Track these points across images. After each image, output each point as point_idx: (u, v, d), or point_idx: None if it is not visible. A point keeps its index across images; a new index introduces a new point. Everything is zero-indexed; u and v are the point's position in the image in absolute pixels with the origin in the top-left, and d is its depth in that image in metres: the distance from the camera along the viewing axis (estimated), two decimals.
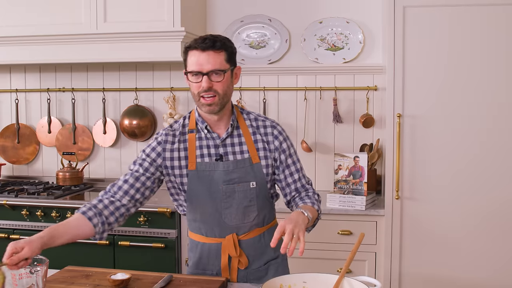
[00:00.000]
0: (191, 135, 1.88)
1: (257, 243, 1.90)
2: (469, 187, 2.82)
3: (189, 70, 1.78)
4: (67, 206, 3.14)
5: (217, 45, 1.75)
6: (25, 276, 1.46)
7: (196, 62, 1.74)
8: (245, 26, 3.51)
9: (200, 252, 1.92)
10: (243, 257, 1.88)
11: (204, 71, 1.74)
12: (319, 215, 1.87)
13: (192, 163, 1.84)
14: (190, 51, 1.78)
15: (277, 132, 1.91)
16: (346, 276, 1.55)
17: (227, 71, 1.78)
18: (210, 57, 1.74)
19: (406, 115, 2.86)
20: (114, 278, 1.71)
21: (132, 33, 3.13)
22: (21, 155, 3.91)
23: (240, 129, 1.89)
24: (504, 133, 2.78)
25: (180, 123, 1.93)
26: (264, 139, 1.89)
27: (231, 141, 1.88)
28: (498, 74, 2.76)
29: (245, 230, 1.88)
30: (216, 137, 1.87)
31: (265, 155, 1.88)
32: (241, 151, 1.87)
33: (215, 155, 1.85)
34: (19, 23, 3.31)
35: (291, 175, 1.91)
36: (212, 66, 1.74)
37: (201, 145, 1.87)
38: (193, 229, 1.95)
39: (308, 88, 3.44)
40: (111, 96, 3.75)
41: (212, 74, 1.75)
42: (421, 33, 2.81)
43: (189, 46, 1.78)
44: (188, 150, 1.86)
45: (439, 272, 2.86)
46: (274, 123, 1.95)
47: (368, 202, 2.95)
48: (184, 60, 1.82)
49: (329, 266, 2.82)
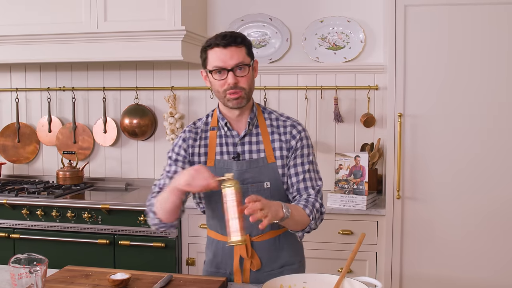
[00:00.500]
0: (212, 132, 1.89)
1: (271, 246, 1.87)
2: (470, 186, 2.81)
3: (212, 68, 1.76)
4: (67, 205, 3.13)
5: (238, 40, 1.75)
6: (25, 276, 1.45)
7: (220, 59, 1.74)
8: (246, 25, 3.50)
9: (214, 250, 1.92)
10: (256, 259, 1.85)
11: (229, 67, 1.74)
12: (311, 222, 1.77)
13: (211, 160, 1.85)
14: (210, 49, 1.76)
15: (295, 132, 1.87)
16: (347, 277, 1.54)
17: (250, 64, 1.78)
18: (232, 52, 1.73)
19: (407, 115, 2.85)
20: (113, 278, 1.70)
21: (133, 32, 3.12)
22: (21, 154, 3.91)
23: (259, 128, 1.88)
24: (505, 133, 2.77)
25: (203, 121, 1.94)
26: (282, 139, 1.86)
27: (249, 139, 1.86)
28: (499, 73, 2.75)
29: (259, 231, 1.84)
30: (235, 135, 1.86)
31: (282, 155, 1.85)
32: (257, 150, 1.85)
33: (232, 153, 1.85)
34: (19, 22, 3.30)
35: (296, 174, 1.85)
36: (236, 61, 1.74)
37: (221, 143, 1.87)
38: (210, 226, 1.95)
39: (309, 87, 3.43)
40: (111, 95, 3.75)
41: (236, 69, 1.75)
42: (422, 32, 2.80)
43: (209, 44, 1.77)
44: (208, 147, 1.87)
45: (440, 272, 2.86)
46: (295, 122, 1.91)
47: (369, 201, 2.94)
48: (203, 60, 1.81)
49: (330, 266, 2.81)
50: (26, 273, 1.45)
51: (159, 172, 3.65)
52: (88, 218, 3.10)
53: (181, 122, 3.60)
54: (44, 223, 3.16)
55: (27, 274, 1.45)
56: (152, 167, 3.73)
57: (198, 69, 3.57)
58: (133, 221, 3.06)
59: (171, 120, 3.55)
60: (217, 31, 3.51)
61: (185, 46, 3.13)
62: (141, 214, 3.03)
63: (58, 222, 3.15)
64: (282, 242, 1.88)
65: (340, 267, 2.83)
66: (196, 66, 3.55)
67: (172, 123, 3.55)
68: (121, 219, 3.08)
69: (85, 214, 3.10)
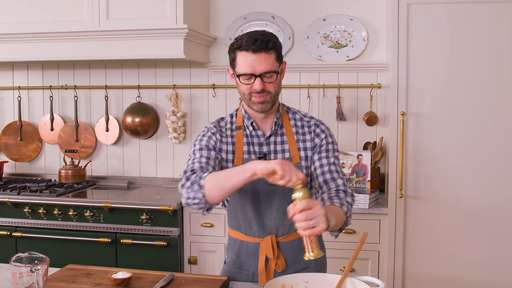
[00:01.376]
0: (239, 131, 1.88)
1: (296, 247, 1.86)
2: (473, 185, 2.80)
3: (241, 73, 1.75)
4: (70, 203, 3.13)
5: (269, 46, 1.72)
6: (26, 274, 1.45)
7: (249, 64, 1.72)
8: (248, 23, 3.49)
9: (238, 251, 1.90)
10: (281, 260, 1.84)
11: (257, 73, 1.72)
12: (347, 219, 1.75)
13: (238, 159, 1.84)
14: (240, 51, 1.74)
15: (319, 130, 1.87)
16: (349, 276, 1.53)
17: (278, 71, 1.77)
18: (262, 58, 1.72)
19: (410, 113, 2.84)
20: (115, 277, 1.70)
21: (135, 30, 3.12)
22: (23, 152, 3.91)
23: (283, 128, 1.88)
24: (507, 131, 2.76)
25: (227, 120, 1.92)
26: (306, 138, 1.87)
27: (275, 139, 1.87)
28: (501, 71, 2.74)
29: (285, 232, 1.84)
30: (261, 135, 1.86)
31: (306, 155, 1.85)
32: (282, 150, 1.85)
33: (258, 153, 1.85)
34: (22, 20, 3.30)
35: (321, 166, 1.82)
36: (265, 68, 1.72)
37: (248, 142, 1.87)
38: (233, 226, 1.93)
39: (311, 85, 3.42)
40: (113, 93, 3.75)
41: (264, 75, 1.73)
42: (425, 31, 2.79)
43: (239, 46, 1.74)
44: (235, 145, 1.86)
45: (443, 271, 2.85)
46: (319, 122, 1.91)
47: (372, 200, 2.93)
48: (231, 59, 1.79)
49: (332, 265, 2.80)
50: (27, 271, 1.45)
51: (162, 171, 3.71)
52: (90, 217, 3.10)
53: (183, 120, 3.60)
54: (46, 222, 3.16)
55: (28, 273, 1.45)
56: (154, 165, 3.72)
57: (201, 68, 3.59)
58: (135, 219, 3.06)
59: (173, 118, 3.54)
60: (219, 29, 3.54)
61: (187, 44, 3.12)
62: (143, 213, 3.03)
63: (60, 221, 3.15)
64: None
65: (343, 266, 2.83)
66: (199, 64, 3.55)
67: (174, 121, 3.54)
68: (123, 217, 3.07)
69: (87, 212, 3.10)
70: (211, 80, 3.59)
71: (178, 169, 3.68)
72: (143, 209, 3.03)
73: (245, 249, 1.88)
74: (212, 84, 3.57)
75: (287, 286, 1.54)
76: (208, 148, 1.83)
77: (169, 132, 3.58)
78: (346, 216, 1.74)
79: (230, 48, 1.79)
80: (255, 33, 1.74)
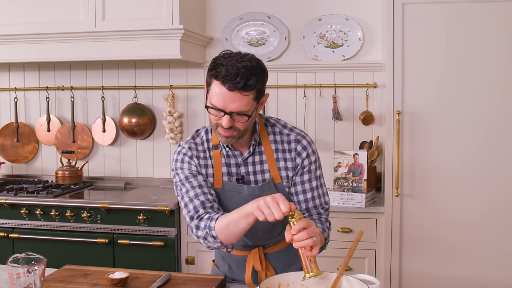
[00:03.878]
0: (216, 151, 1.75)
1: (284, 255, 1.84)
2: (469, 183, 2.81)
3: (211, 104, 1.59)
4: (67, 204, 3.13)
5: (248, 84, 1.55)
6: (23, 275, 1.45)
7: (221, 98, 1.56)
8: (244, 23, 3.50)
9: (228, 263, 1.90)
10: (270, 270, 1.83)
11: (227, 111, 1.57)
12: (325, 244, 1.72)
13: (218, 182, 1.74)
14: (216, 81, 1.57)
15: (300, 148, 1.75)
16: (345, 274, 1.54)
17: (252, 113, 1.61)
18: (236, 97, 1.55)
19: (406, 112, 2.85)
20: (112, 277, 1.70)
21: (131, 31, 3.12)
22: (20, 153, 3.91)
23: (262, 145, 1.76)
24: (503, 129, 2.77)
25: (202, 138, 1.79)
26: (287, 157, 1.75)
27: (253, 160, 1.75)
28: (496, 70, 2.75)
29: (271, 244, 1.83)
30: (238, 155, 1.75)
31: (287, 175, 1.75)
32: (262, 171, 1.75)
33: (235, 175, 1.75)
34: (18, 21, 3.30)
35: (304, 192, 1.75)
36: (237, 108, 1.57)
37: (226, 163, 1.75)
38: None
39: (307, 85, 3.43)
40: (110, 94, 3.75)
41: (234, 114, 1.58)
42: (420, 30, 2.80)
43: (216, 76, 1.56)
44: (214, 168, 1.75)
45: (439, 269, 2.86)
46: (299, 136, 1.77)
47: (368, 199, 2.94)
48: (207, 82, 1.62)
49: (329, 264, 2.81)
50: (24, 272, 1.45)
51: (158, 171, 3.71)
52: (87, 218, 3.10)
53: (180, 121, 3.60)
54: (43, 223, 3.16)
55: (25, 274, 1.45)
56: (151, 166, 3.73)
57: (197, 68, 3.59)
58: (132, 220, 3.06)
59: (170, 119, 3.55)
60: (215, 29, 3.54)
61: (183, 45, 3.13)
62: (140, 213, 3.03)
63: (57, 222, 3.15)
64: (294, 249, 1.83)
65: (339, 265, 2.84)
66: (195, 65, 3.55)
67: (171, 122, 3.55)
68: (120, 218, 3.08)
69: (84, 213, 3.10)
70: None
71: None
72: (140, 209, 3.04)
73: (234, 261, 1.88)
74: None
75: (283, 285, 1.54)
76: (193, 175, 1.72)
77: (166, 133, 3.58)
78: (325, 241, 1.73)
79: (209, 69, 1.61)
80: (240, 65, 1.55)
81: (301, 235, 1.45)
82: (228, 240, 1.60)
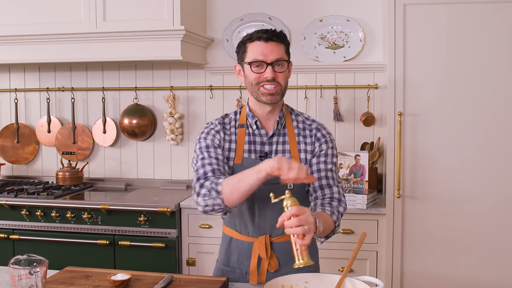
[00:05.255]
0: (241, 129, 1.88)
1: (290, 247, 1.85)
2: (470, 184, 2.80)
3: (251, 60, 1.77)
4: (67, 206, 3.12)
5: (280, 36, 1.79)
6: (25, 277, 1.45)
7: (260, 52, 1.76)
8: (245, 24, 3.49)
9: (231, 249, 1.91)
10: (274, 260, 1.84)
11: (269, 61, 1.76)
12: (335, 228, 1.76)
13: (239, 157, 1.84)
14: (251, 42, 1.79)
15: (320, 135, 1.89)
16: (348, 276, 1.53)
17: (289, 61, 1.82)
18: (273, 47, 1.76)
19: (407, 113, 2.84)
20: (114, 278, 1.69)
21: (132, 31, 3.11)
22: (20, 155, 3.90)
23: (286, 128, 1.89)
24: (504, 130, 2.77)
25: (231, 118, 1.93)
26: (307, 141, 1.88)
27: (277, 139, 1.87)
28: (497, 71, 2.75)
29: (279, 232, 1.83)
30: (264, 134, 1.87)
31: (306, 158, 1.86)
32: (283, 150, 1.86)
33: (259, 152, 1.86)
34: (18, 22, 3.30)
35: (318, 171, 1.83)
36: (276, 55, 1.76)
37: (250, 141, 1.87)
38: (228, 224, 1.93)
39: (308, 86, 3.43)
40: (110, 95, 3.74)
41: (275, 64, 1.77)
42: (421, 31, 2.80)
43: (250, 38, 1.79)
44: (237, 143, 1.86)
45: (441, 271, 2.85)
46: (320, 126, 1.92)
47: (369, 201, 2.93)
48: (241, 53, 1.82)
49: (331, 266, 2.81)
50: (26, 274, 1.44)
51: (159, 172, 3.70)
52: (88, 219, 3.10)
53: (181, 122, 3.60)
54: (44, 224, 3.16)
55: (27, 275, 1.44)
56: (151, 167, 3.72)
57: (198, 69, 3.59)
58: (133, 221, 3.05)
59: (170, 120, 3.54)
60: (216, 30, 3.54)
61: (184, 46, 3.12)
62: (141, 215, 3.03)
63: (57, 223, 3.14)
64: None
65: (341, 267, 2.83)
66: (196, 66, 3.55)
67: (172, 123, 3.54)
68: (121, 219, 3.07)
69: (85, 214, 3.09)
70: (208, 81, 3.59)
71: (175, 171, 3.68)
72: (141, 210, 3.03)
73: (238, 247, 1.89)
74: (209, 86, 3.57)
75: (287, 287, 1.54)
76: (214, 146, 1.84)
77: (167, 134, 3.58)
78: (335, 225, 1.75)
79: (239, 44, 1.83)
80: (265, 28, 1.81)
81: (291, 222, 1.47)
82: (231, 197, 1.64)
